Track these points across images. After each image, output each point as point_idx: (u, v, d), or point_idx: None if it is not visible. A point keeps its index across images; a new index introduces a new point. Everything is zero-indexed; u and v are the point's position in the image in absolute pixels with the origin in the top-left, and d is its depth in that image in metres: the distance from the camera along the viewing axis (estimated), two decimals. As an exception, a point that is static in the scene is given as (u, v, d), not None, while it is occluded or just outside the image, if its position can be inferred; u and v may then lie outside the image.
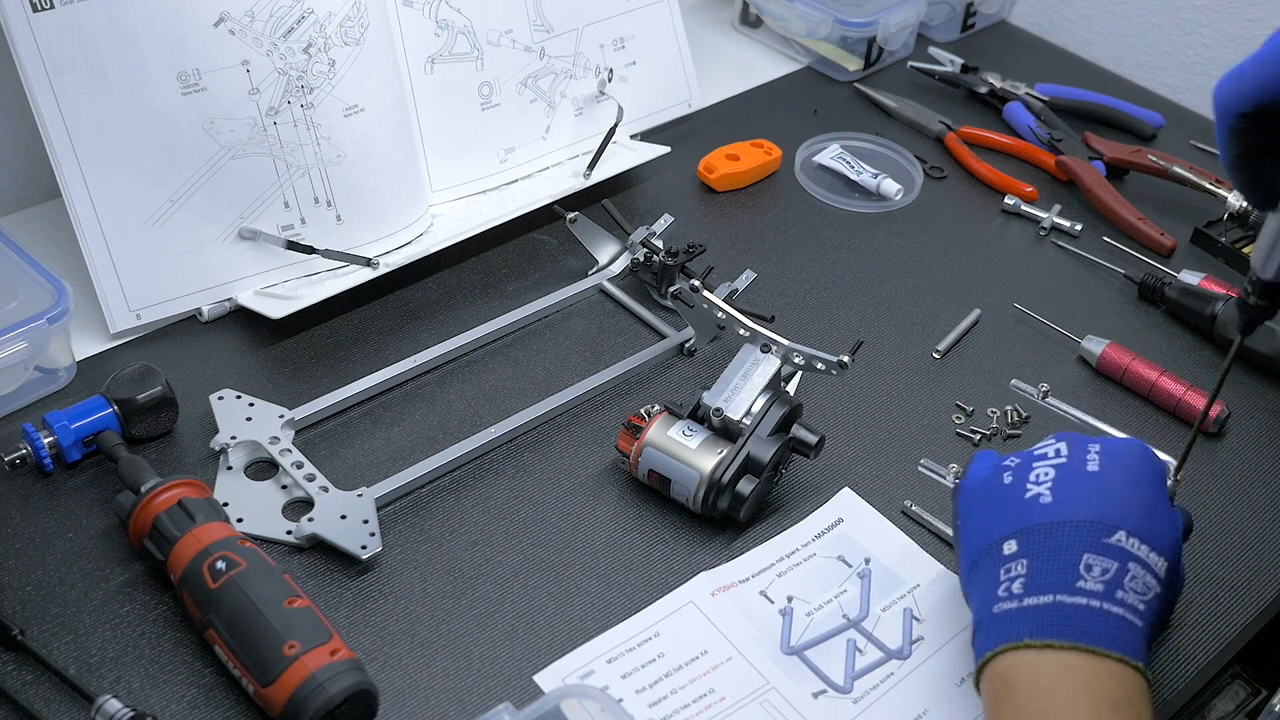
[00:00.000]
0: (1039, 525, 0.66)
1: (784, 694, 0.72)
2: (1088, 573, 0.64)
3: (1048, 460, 0.69)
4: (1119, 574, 0.64)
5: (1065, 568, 0.64)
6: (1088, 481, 0.67)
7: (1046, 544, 0.65)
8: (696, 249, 0.97)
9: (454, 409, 0.88)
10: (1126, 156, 1.15)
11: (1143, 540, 0.65)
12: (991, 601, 0.65)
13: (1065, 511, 0.66)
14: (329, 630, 0.67)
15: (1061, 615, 0.63)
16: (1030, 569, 0.65)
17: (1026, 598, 0.64)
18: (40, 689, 0.69)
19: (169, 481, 0.74)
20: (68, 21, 0.84)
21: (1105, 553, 0.64)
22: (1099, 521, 0.65)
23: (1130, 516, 0.66)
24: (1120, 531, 0.65)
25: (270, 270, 0.93)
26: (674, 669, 0.72)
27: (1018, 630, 0.63)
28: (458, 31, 1.01)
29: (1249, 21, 1.28)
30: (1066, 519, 0.66)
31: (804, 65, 1.29)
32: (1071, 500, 0.66)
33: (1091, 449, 0.69)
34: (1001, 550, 0.66)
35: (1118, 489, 0.67)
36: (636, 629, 0.74)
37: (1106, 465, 0.68)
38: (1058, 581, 0.64)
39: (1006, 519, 0.67)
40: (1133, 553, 0.65)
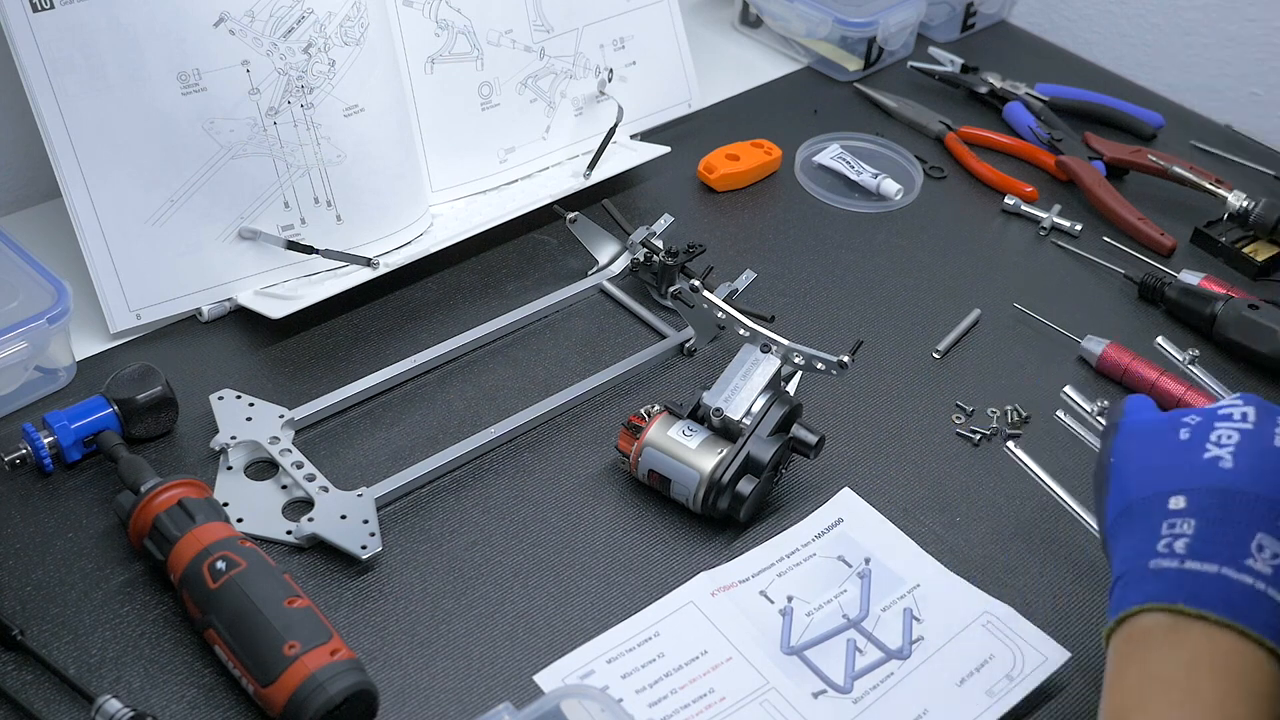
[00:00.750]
0: (1214, 488, 0.61)
1: (784, 694, 0.72)
2: (1259, 552, 0.59)
3: (1233, 422, 0.64)
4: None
5: (1236, 541, 0.59)
6: (1274, 455, 0.62)
7: (1220, 510, 0.60)
8: (696, 249, 0.97)
9: (454, 409, 0.88)
10: (1126, 156, 1.15)
11: None
12: (1147, 554, 0.61)
13: (1245, 481, 0.61)
14: (329, 630, 0.67)
15: (1221, 588, 0.58)
16: (1198, 531, 0.60)
17: (1189, 560, 0.59)
18: (40, 689, 0.69)
19: (169, 481, 0.74)
20: (68, 21, 0.84)
21: (1278, 534, 0.60)
22: (1276, 500, 0.60)
23: None
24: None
25: (270, 270, 0.93)
26: (674, 669, 0.72)
27: (1172, 592, 0.59)
28: (458, 31, 1.01)
29: (1249, 21, 1.28)
30: (1246, 489, 0.61)
31: (804, 65, 1.29)
32: (1253, 470, 0.61)
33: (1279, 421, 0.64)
34: (1167, 504, 0.62)
35: None
36: (636, 629, 0.74)
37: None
38: (1226, 553, 0.59)
39: (1178, 473, 0.63)
40: None
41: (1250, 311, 0.95)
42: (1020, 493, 0.85)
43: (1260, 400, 0.65)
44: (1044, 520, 0.84)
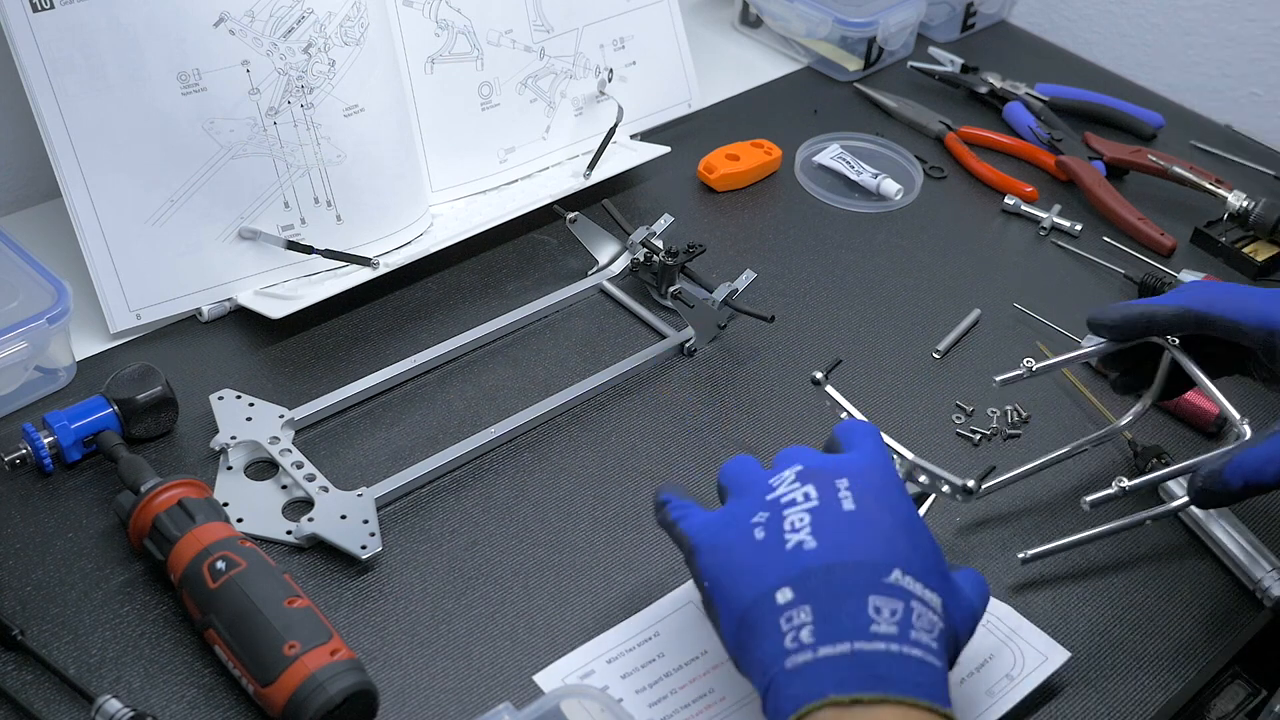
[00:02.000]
0: (812, 569, 0.60)
1: None
2: (878, 615, 0.59)
3: (797, 506, 0.63)
4: (906, 614, 0.59)
5: (855, 612, 0.59)
6: (849, 521, 0.62)
7: (826, 588, 0.59)
8: (696, 249, 0.97)
9: (454, 409, 0.88)
10: (1126, 156, 1.15)
11: (916, 577, 0.60)
12: (780, 655, 0.59)
13: (835, 554, 0.60)
14: (329, 630, 0.67)
15: (862, 664, 0.57)
16: (816, 615, 0.59)
17: (821, 647, 0.58)
18: (40, 689, 0.69)
19: (169, 481, 0.74)
20: (68, 21, 0.84)
21: (888, 593, 0.59)
22: (874, 561, 0.60)
23: (898, 552, 0.61)
24: (895, 570, 0.60)
25: (270, 270, 0.93)
26: (674, 669, 0.72)
27: (819, 685, 0.57)
28: (458, 31, 1.01)
29: (1249, 21, 1.28)
30: (840, 561, 0.60)
31: (804, 65, 1.29)
32: (838, 543, 0.61)
33: (839, 485, 0.63)
34: (775, 599, 0.60)
35: (880, 525, 0.62)
36: (636, 629, 0.74)
37: (861, 500, 0.63)
38: (851, 628, 0.58)
39: (772, 569, 0.61)
40: (911, 590, 0.60)
41: None
42: (1020, 492, 0.85)
43: (807, 463, 0.65)
44: (1044, 520, 0.84)
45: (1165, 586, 0.81)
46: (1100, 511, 0.76)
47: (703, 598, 0.66)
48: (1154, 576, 0.81)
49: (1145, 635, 0.78)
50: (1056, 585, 0.80)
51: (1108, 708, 0.73)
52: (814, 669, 0.58)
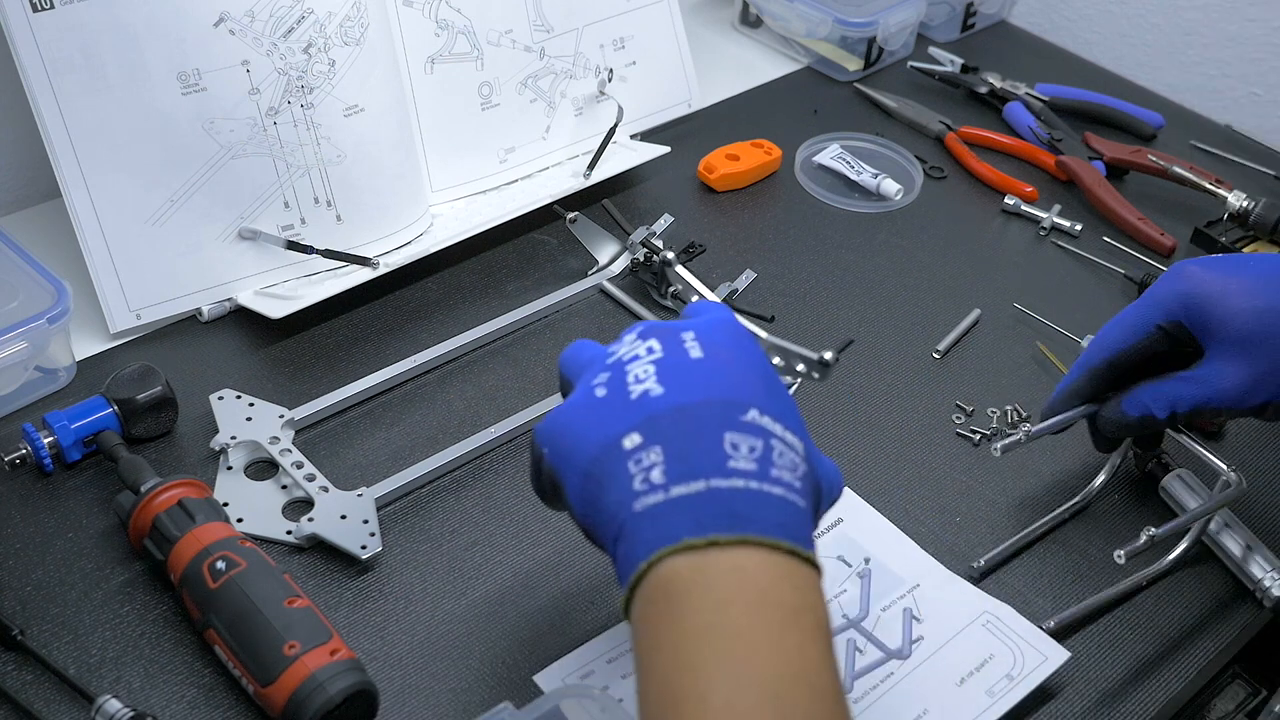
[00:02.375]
0: (662, 412, 0.55)
1: None
2: (735, 451, 0.54)
3: (641, 360, 0.58)
4: (766, 451, 0.54)
5: (710, 449, 0.54)
6: (697, 366, 0.57)
7: (678, 428, 0.55)
8: (696, 249, 0.97)
9: (454, 409, 0.88)
10: (1126, 156, 1.15)
11: (775, 418, 0.56)
12: (629, 498, 0.54)
13: (686, 396, 0.56)
14: (329, 630, 0.67)
15: (719, 502, 0.52)
16: (668, 454, 0.54)
17: (673, 486, 0.53)
18: (40, 689, 0.69)
19: (169, 481, 0.74)
20: (68, 21, 0.84)
21: (746, 430, 0.54)
22: (729, 400, 0.55)
23: (754, 392, 0.56)
24: (752, 409, 0.55)
25: (270, 270, 0.93)
26: None
27: (674, 528, 0.52)
28: (458, 31, 1.01)
29: (1249, 21, 1.28)
30: (691, 402, 0.55)
31: (804, 65, 1.29)
32: (687, 385, 0.56)
33: (685, 337, 0.59)
34: (622, 445, 0.55)
35: (732, 367, 0.57)
36: None
37: (709, 347, 0.58)
38: (706, 464, 0.53)
39: (617, 419, 0.56)
40: (771, 430, 0.55)
41: None
42: (1020, 492, 0.85)
43: (654, 324, 0.60)
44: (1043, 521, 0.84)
45: (1165, 586, 0.81)
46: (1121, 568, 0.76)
47: (534, 472, 0.61)
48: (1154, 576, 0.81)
49: (1145, 635, 0.78)
50: (1057, 585, 0.80)
51: (1108, 708, 0.73)
52: (666, 509, 0.53)
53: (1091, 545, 0.82)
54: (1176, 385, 0.77)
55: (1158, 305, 0.78)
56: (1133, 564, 0.76)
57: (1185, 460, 0.85)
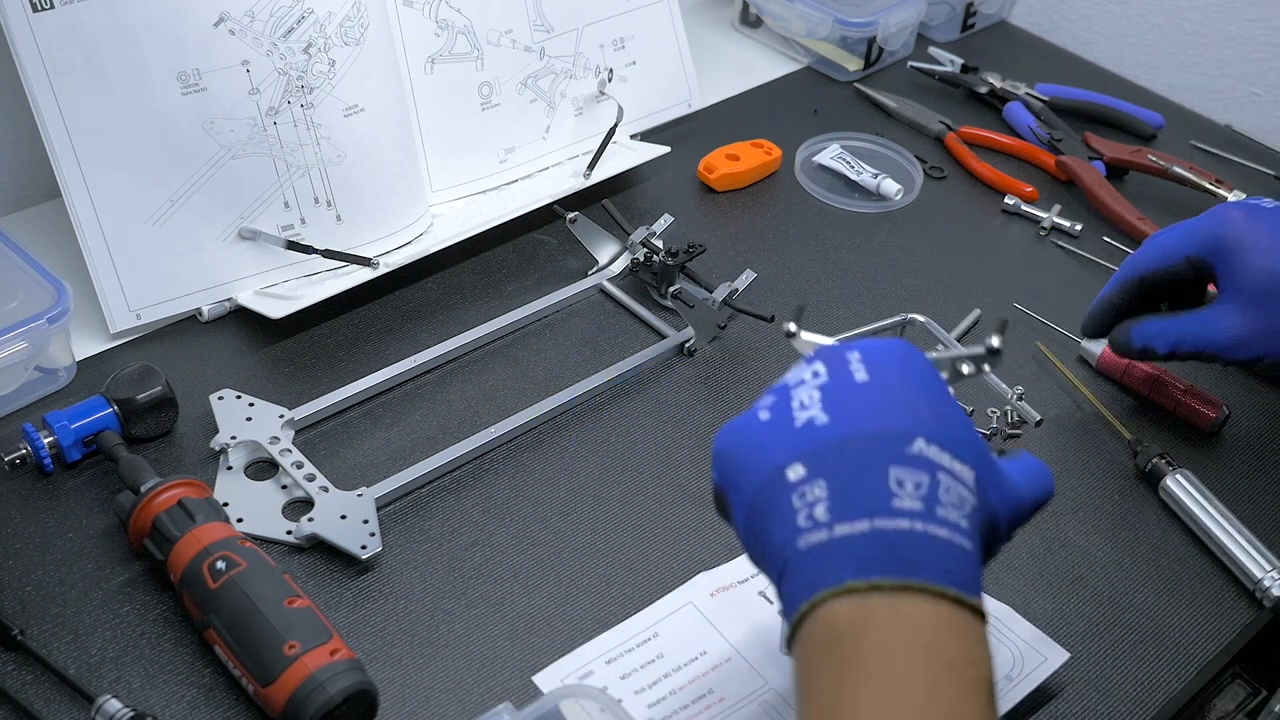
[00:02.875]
0: (826, 444, 0.54)
1: (783, 695, 0.71)
2: (900, 488, 0.53)
3: (807, 384, 0.57)
4: (933, 487, 0.53)
5: (873, 486, 0.53)
6: (864, 391, 0.56)
7: (842, 462, 0.54)
8: (696, 249, 0.97)
9: (454, 409, 0.88)
10: (1126, 156, 1.15)
11: (944, 447, 0.54)
12: (793, 534, 0.53)
13: (851, 426, 0.55)
14: (329, 630, 0.67)
15: (883, 544, 0.52)
16: (832, 490, 0.53)
17: (837, 524, 0.52)
18: (40, 689, 0.69)
19: (169, 481, 0.74)
20: (68, 21, 0.84)
21: (911, 463, 0.53)
22: (894, 430, 0.54)
23: (922, 419, 0.55)
24: (919, 439, 0.54)
25: (270, 270, 0.93)
26: (673, 669, 0.72)
27: (836, 569, 0.52)
28: (458, 31, 1.01)
29: (1249, 21, 1.28)
30: (856, 433, 0.54)
31: (804, 65, 1.29)
32: (853, 414, 0.55)
33: (851, 358, 0.58)
34: (786, 477, 0.55)
35: (900, 393, 0.56)
36: (636, 629, 0.74)
37: (876, 371, 0.57)
38: (870, 503, 0.53)
39: (781, 447, 0.56)
40: (938, 461, 0.54)
41: None
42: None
43: (826, 349, 0.59)
44: (1043, 520, 0.84)
45: (1165, 586, 0.81)
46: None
47: (716, 499, 0.61)
48: (1154, 576, 0.81)
49: (1145, 635, 0.78)
50: (1056, 585, 0.80)
51: (1108, 708, 0.73)
52: (830, 549, 0.52)
53: (1091, 544, 0.82)
54: (1181, 324, 0.83)
55: (1192, 239, 0.84)
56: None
57: (1187, 455, 0.85)
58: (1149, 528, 0.84)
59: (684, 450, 0.87)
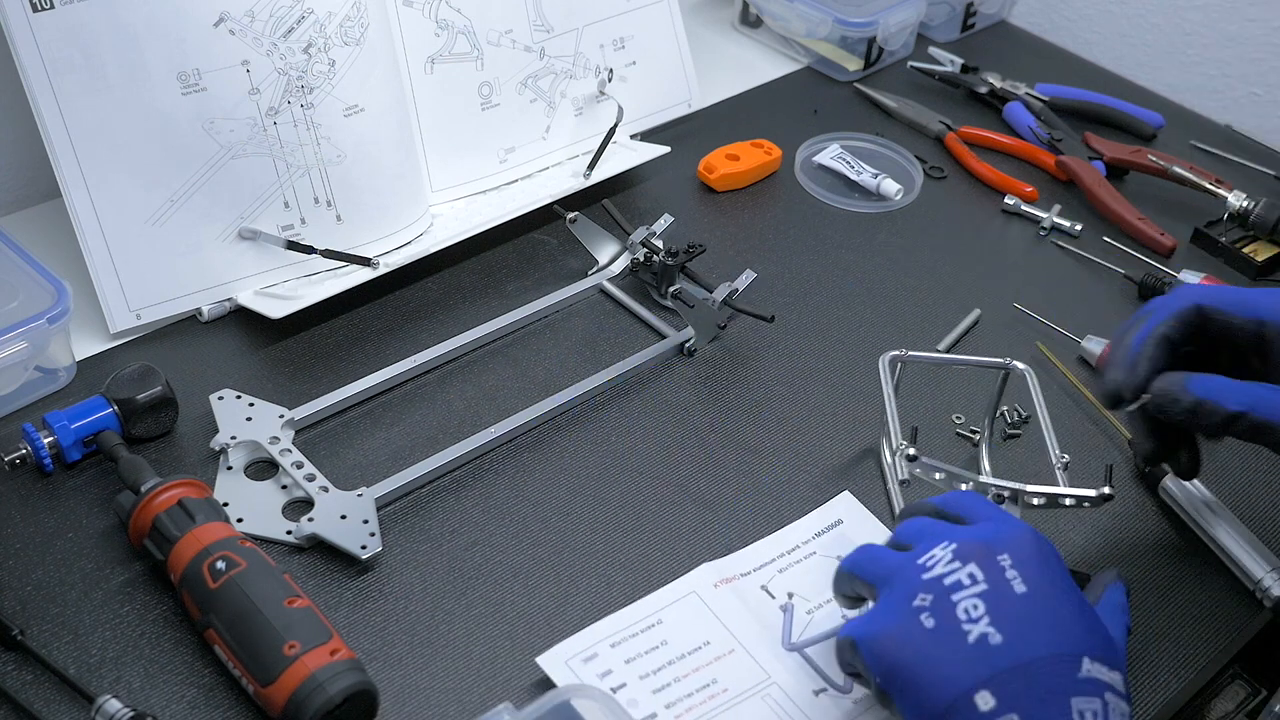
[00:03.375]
0: (1006, 670, 0.57)
1: (785, 690, 0.72)
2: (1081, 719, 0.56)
3: (966, 590, 0.60)
4: (1103, 709, 0.56)
5: (1058, 718, 0.56)
6: (1027, 607, 0.59)
7: (1029, 691, 0.56)
8: (696, 249, 0.97)
9: (454, 409, 0.88)
10: (1126, 156, 1.15)
11: (1101, 660, 0.58)
12: None
13: (1024, 650, 0.57)
14: (329, 630, 0.67)
15: None
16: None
17: None
18: (40, 689, 0.69)
19: (169, 481, 0.74)
20: (68, 21, 0.84)
21: (1086, 690, 0.56)
22: (1063, 654, 0.57)
23: (1080, 638, 0.58)
24: (1085, 659, 0.57)
25: (270, 270, 0.93)
26: (677, 657, 0.72)
27: None
28: (458, 31, 1.01)
29: (1249, 21, 1.28)
30: (1030, 658, 0.57)
31: (804, 65, 1.29)
32: (1024, 636, 0.58)
33: (1003, 561, 0.60)
34: (977, 705, 0.56)
35: (1058, 607, 0.59)
36: (640, 614, 0.74)
37: (1030, 580, 0.60)
38: None
39: (962, 667, 0.58)
40: (1104, 681, 0.57)
41: None
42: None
43: (966, 542, 0.61)
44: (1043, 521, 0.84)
45: (1165, 586, 0.81)
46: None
47: (874, 692, 0.62)
48: (1154, 576, 0.81)
49: (1145, 635, 0.78)
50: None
51: (1108, 708, 0.73)
52: None
53: (1092, 546, 0.82)
54: (1261, 388, 0.68)
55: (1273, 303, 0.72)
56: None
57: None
58: (1148, 528, 0.84)
59: (684, 450, 0.87)
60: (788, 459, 0.86)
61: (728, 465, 0.86)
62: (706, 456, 0.86)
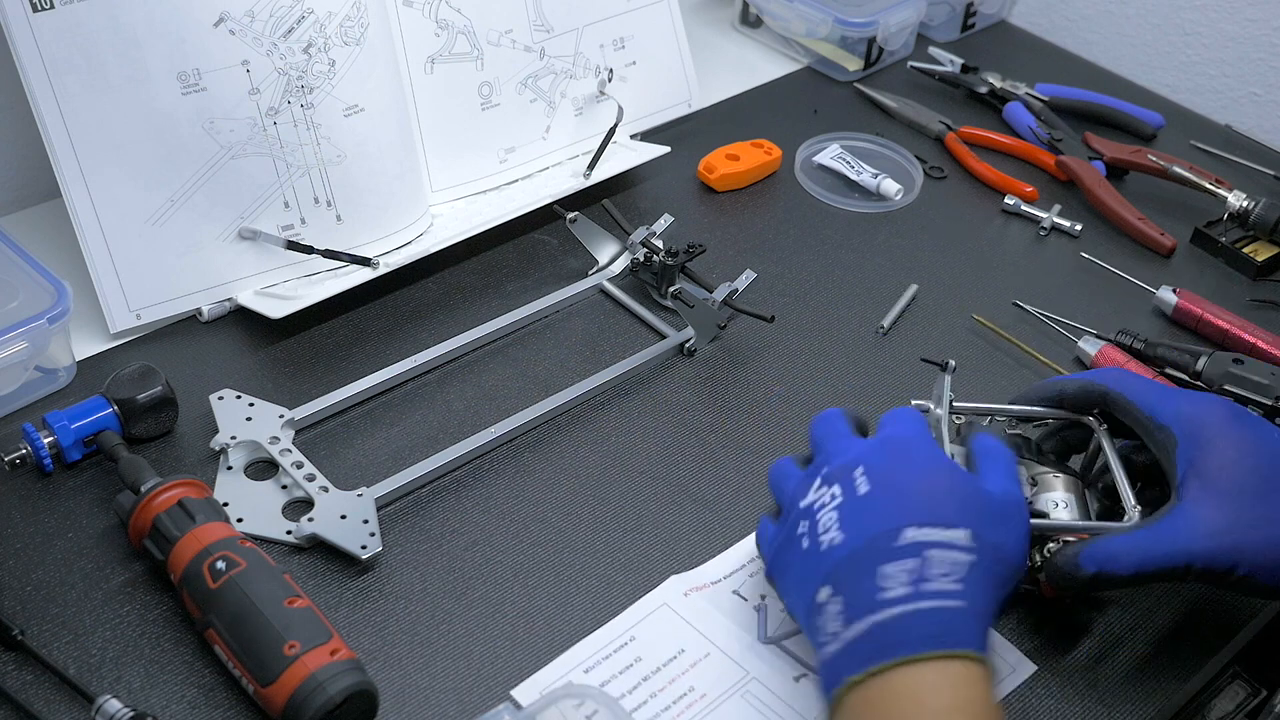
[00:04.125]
0: (839, 562, 0.64)
1: (764, 682, 0.72)
2: (886, 581, 0.61)
3: (826, 507, 0.66)
4: (920, 566, 0.61)
5: (869, 588, 0.62)
6: (864, 503, 0.65)
7: (850, 575, 0.63)
8: (696, 249, 0.97)
9: (454, 409, 0.88)
10: (1126, 156, 1.15)
11: (933, 525, 0.63)
12: (820, 647, 0.63)
13: (855, 540, 0.64)
14: (329, 630, 0.67)
15: (876, 635, 0.60)
16: (845, 602, 0.62)
17: (845, 631, 0.62)
18: (40, 689, 0.69)
19: (169, 481, 0.74)
20: (68, 21, 0.84)
21: (900, 555, 0.62)
22: (883, 531, 0.63)
23: (909, 510, 0.64)
24: (907, 529, 0.63)
25: (270, 270, 0.93)
26: (652, 671, 0.72)
27: (842, 670, 0.61)
28: (458, 31, 1.01)
29: (1249, 21, 1.28)
30: (855, 546, 0.63)
31: (804, 65, 1.29)
32: (857, 528, 0.64)
33: (855, 474, 0.66)
34: (818, 599, 0.64)
35: (891, 493, 0.65)
36: (611, 635, 0.74)
37: (874, 478, 0.66)
38: (866, 603, 0.61)
39: (814, 574, 0.65)
40: (925, 541, 0.62)
41: (1235, 367, 0.90)
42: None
43: (836, 466, 0.67)
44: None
45: (1165, 586, 0.81)
46: None
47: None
48: (1154, 576, 0.81)
49: (1145, 635, 0.78)
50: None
51: (1107, 708, 0.73)
52: (840, 655, 0.61)
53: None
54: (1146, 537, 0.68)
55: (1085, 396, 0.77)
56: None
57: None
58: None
59: (684, 450, 0.87)
60: (788, 459, 0.86)
61: (728, 465, 0.86)
62: (706, 456, 0.86)
